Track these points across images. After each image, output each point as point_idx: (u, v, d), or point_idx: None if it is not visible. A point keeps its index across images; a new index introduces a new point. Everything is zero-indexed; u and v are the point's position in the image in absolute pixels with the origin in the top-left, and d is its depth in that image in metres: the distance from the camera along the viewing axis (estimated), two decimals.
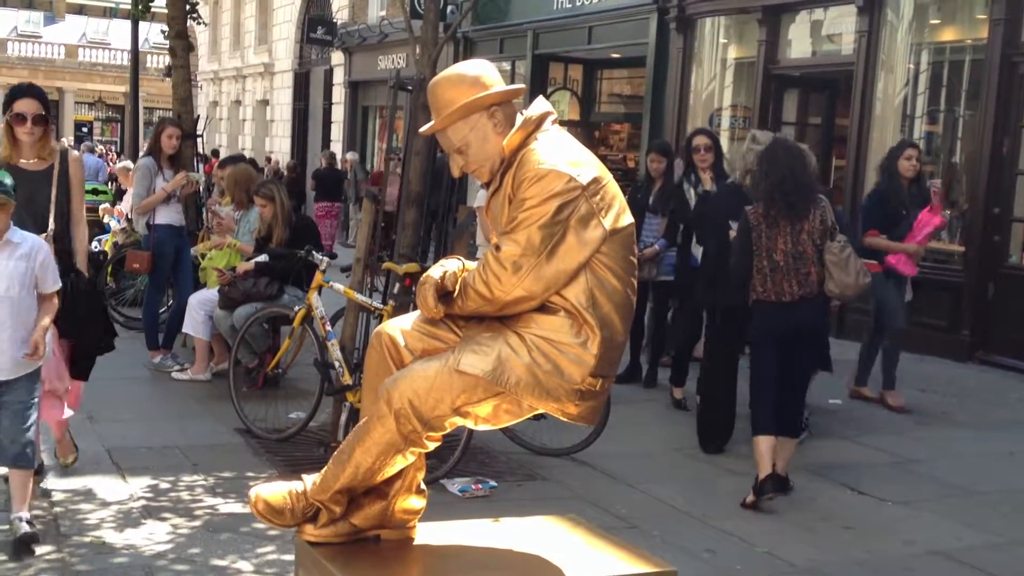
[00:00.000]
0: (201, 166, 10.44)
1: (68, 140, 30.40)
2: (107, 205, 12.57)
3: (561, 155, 2.85)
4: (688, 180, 7.30)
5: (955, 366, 9.27)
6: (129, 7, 14.26)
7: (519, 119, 2.95)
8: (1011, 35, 9.44)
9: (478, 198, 7.58)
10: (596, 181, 2.86)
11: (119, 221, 11.20)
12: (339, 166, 18.76)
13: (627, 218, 2.93)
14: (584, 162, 2.88)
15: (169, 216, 8.01)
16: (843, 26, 11.53)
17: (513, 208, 2.84)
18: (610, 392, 3.10)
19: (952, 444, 6.94)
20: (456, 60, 17.36)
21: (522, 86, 3.17)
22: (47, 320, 4.37)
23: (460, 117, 2.93)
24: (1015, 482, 6.17)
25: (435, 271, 2.96)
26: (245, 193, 8.06)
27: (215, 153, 21.60)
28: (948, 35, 10.81)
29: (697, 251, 7.18)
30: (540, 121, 2.94)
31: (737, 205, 5.92)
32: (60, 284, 4.47)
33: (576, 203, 2.81)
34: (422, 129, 3.14)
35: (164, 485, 5.33)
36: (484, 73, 2.99)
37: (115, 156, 24.59)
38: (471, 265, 2.99)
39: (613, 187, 2.92)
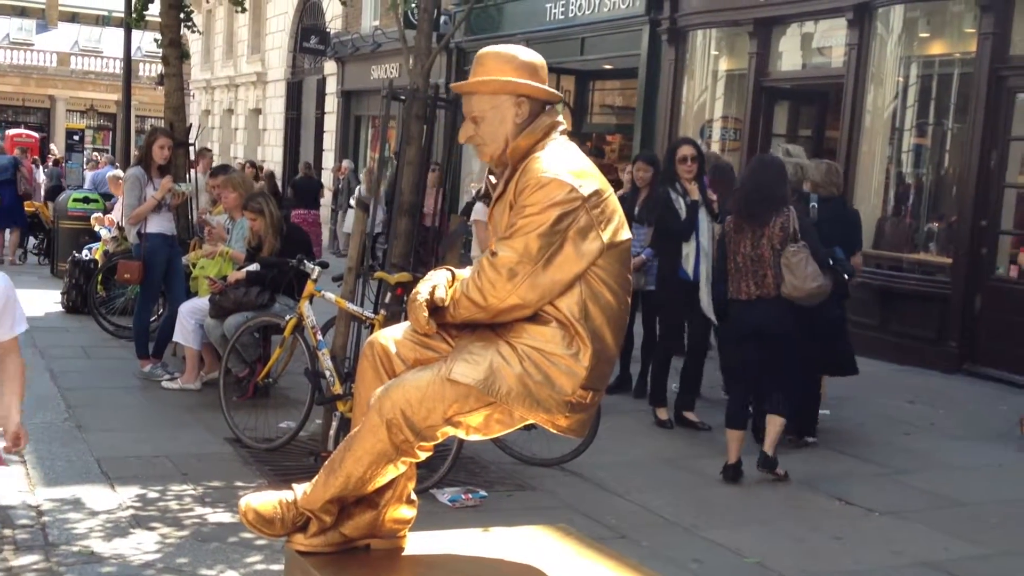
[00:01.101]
0: (194, 171, 10.45)
1: (53, 148, 30.31)
2: (98, 214, 12.56)
3: (565, 165, 2.87)
4: (675, 190, 7.09)
5: (943, 377, 9.30)
6: (122, 15, 14.26)
7: (532, 126, 2.95)
8: (999, 49, 9.51)
9: (475, 211, 7.55)
10: (598, 194, 2.87)
11: (109, 230, 11.19)
12: (315, 175, 19.39)
13: (625, 233, 2.94)
14: (587, 174, 2.90)
15: (160, 225, 8.01)
16: (833, 39, 11.59)
17: (513, 214, 2.86)
18: (600, 402, 3.11)
19: (940, 455, 6.96)
20: (449, 71, 17.43)
21: (559, 94, 3.13)
22: (17, 387, 3.44)
23: (490, 90, 2.95)
24: (1003, 493, 6.19)
25: (424, 287, 2.94)
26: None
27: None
28: (937, 49, 10.88)
29: (688, 264, 7.08)
30: (548, 130, 2.97)
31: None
32: (24, 328, 3.50)
33: (576, 214, 2.82)
34: (452, 85, 3.15)
35: (153, 494, 5.32)
36: (536, 65, 3.01)
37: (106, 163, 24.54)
38: (461, 274, 3.00)
39: (614, 201, 2.94)
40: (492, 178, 3.08)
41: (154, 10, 12.05)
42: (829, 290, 5.96)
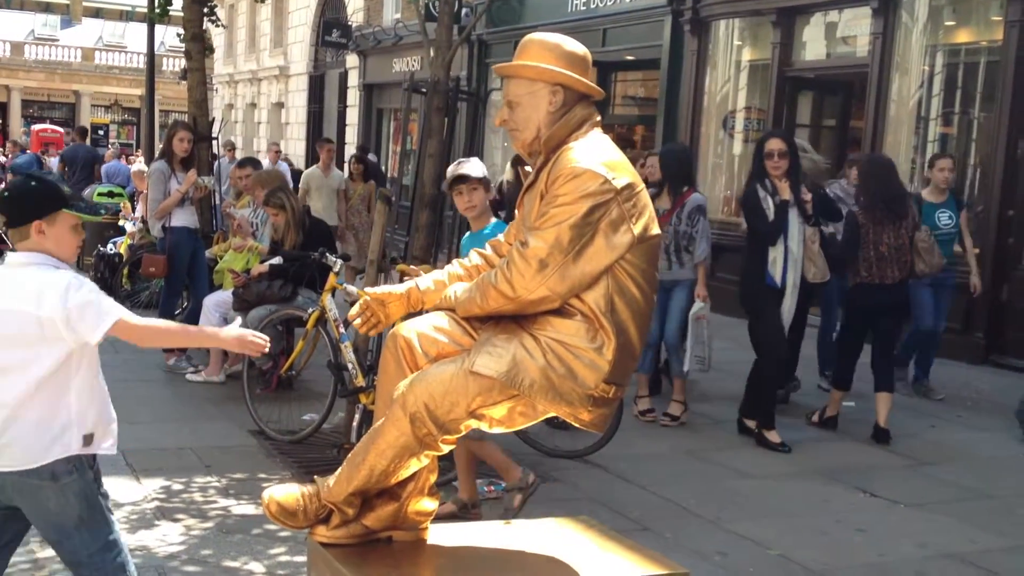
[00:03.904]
0: (219, 163, 10.48)
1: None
2: (127, 202, 12.64)
3: (598, 157, 2.87)
4: (764, 188, 6.43)
5: (969, 368, 9.22)
6: (145, 10, 14.33)
7: (566, 117, 2.96)
8: None
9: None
10: (630, 187, 2.87)
11: (134, 223, 11.27)
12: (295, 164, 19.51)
13: (655, 229, 2.94)
14: (620, 166, 2.90)
15: (184, 219, 8.06)
16: (858, 28, 11.50)
17: (545, 204, 2.86)
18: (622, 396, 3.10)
19: (966, 447, 6.91)
20: (471, 63, 17.41)
21: (598, 89, 3.06)
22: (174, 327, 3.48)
23: (528, 76, 2.97)
24: None
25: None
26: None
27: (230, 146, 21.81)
28: (963, 37, 10.76)
29: (775, 269, 6.43)
30: (583, 121, 2.97)
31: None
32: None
33: (608, 206, 2.81)
34: (495, 66, 3.18)
35: (177, 486, 5.36)
36: (579, 56, 3.01)
37: (134, 156, 24.76)
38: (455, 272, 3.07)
39: (645, 196, 2.94)
40: (528, 168, 3.08)
41: (177, 4, 12.11)
42: None
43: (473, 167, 5.00)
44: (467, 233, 5.32)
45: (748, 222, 6.64)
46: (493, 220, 5.08)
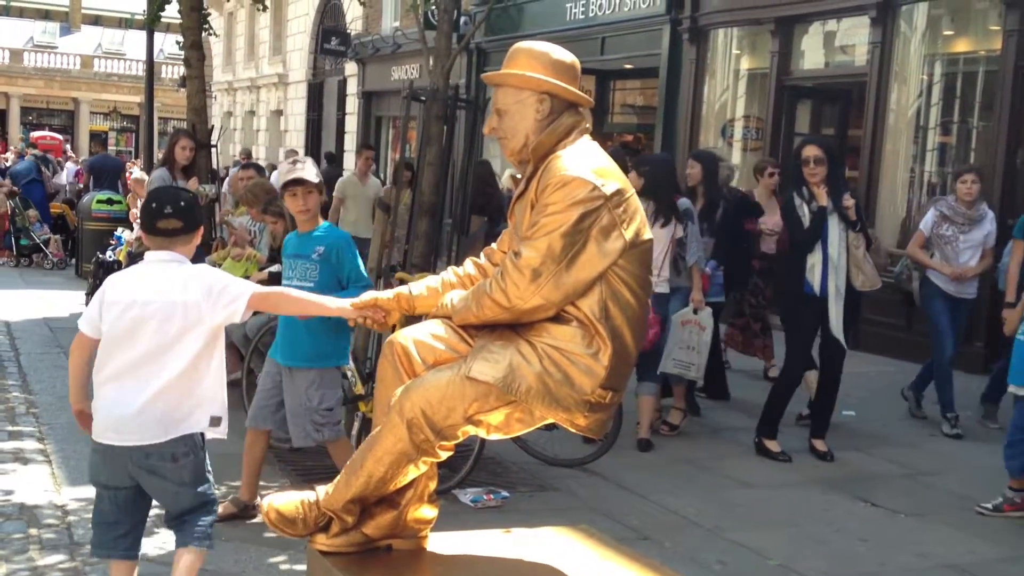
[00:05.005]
0: (232, 171, 10.46)
1: (68, 150, 30.47)
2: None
3: (587, 164, 2.87)
4: (800, 195, 6.40)
5: (969, 378, 9.19)
6: (144, 18, 14.36)
7: (554, 125, 2.96)
8: None
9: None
10: (620, 193, 2.87)
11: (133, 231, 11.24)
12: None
13: (647, 233, 2.94)
14: (609, 172, 2.90)
15: None
16: (856, 37, 11.52)
17: (535, 213, 2.86)
18: (622, 404, 3.09)
19: (966, 456, 6.90)
20: (470, 71, 17.43)
21: (587, 97, 3.07)
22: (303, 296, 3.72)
23: (514, 84, 2.98)
24: None
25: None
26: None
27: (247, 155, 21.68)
28: (961, 46, 10.79)
29: (813, 276, 6.35)
30: (571, 129, 2.98)
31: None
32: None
33: (599, 213, 2.82)
34: (483, 75, 3.17)
35: None
36: (566, 64, 3.02)
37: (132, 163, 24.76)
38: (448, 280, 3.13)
39: (635, 201, 2.94)
40: (518, 176, 3.08)
41: (175, 12, 12.11)
42: None
43: (309, 171, 4.91)
44: (293, 231, 5.26)
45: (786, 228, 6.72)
46: (323, 223, 5.08)
